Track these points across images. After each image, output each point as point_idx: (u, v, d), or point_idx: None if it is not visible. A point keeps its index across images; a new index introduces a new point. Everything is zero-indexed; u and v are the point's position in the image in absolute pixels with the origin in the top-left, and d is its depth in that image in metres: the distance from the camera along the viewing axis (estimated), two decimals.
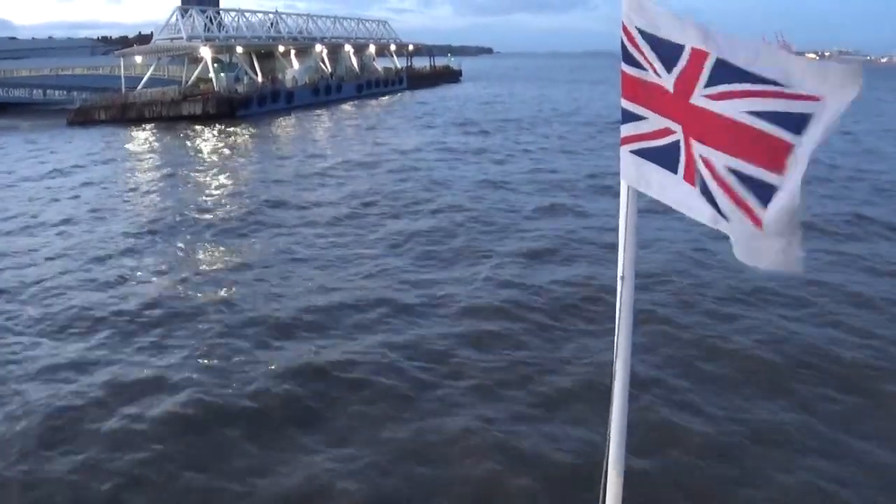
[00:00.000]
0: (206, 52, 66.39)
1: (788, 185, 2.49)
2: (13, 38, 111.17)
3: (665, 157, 2.96)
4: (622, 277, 3.35)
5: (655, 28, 2.87)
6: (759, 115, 2.54)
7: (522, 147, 40.28)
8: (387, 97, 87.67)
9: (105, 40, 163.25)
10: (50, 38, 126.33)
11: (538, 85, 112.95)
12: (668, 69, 2.85)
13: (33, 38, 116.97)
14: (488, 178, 30.21)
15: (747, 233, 2.63)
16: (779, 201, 2.51)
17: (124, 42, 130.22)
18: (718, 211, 2.74)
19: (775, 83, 2.51)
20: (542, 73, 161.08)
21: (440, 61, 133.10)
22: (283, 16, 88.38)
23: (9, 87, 71.58)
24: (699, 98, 2.72)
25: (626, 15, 2.96)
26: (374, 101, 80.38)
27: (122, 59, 69.47)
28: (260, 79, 72.90)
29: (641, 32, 2.92)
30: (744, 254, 2.70)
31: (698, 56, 2.72)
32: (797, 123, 2.46)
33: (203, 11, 71.92)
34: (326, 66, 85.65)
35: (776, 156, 2.50)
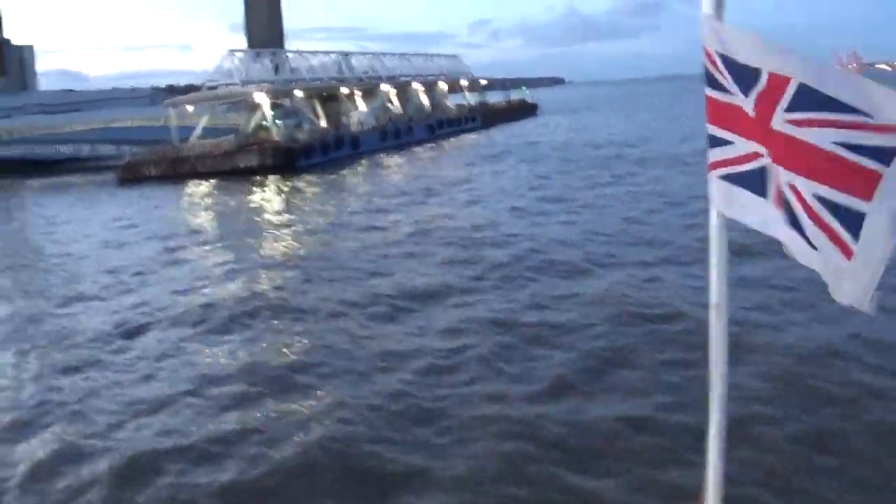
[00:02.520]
0: (261, 98, 59.90)
1: (879, 213, 2.42)
2: (69, 91, 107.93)
3: (753, 182, 2.83)
4: (715, 305, 3.04)
5: (732, 51, 2.73)
6: (845, 146, 2.45)
7: None
8: (471, 135, 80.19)
9: (172, 89, 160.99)
10: (113, 88, 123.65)
11: (636, 113, 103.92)
12: (746, 93, 2.73)
13: (98, 90, 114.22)
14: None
15: (834, 264, 2.53)
16: (868, 230, 2.45)
17: (190, 90, 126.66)
18: (807, 240, 2.62)
19: (863, 114, 2.41)
20: (626, 101, 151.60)
21: (514, 95, 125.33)
22: (347, 55, 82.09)
23: (56, 143, 66.63)
24: (781, 123, 2.62)
25: (706, 39, 2.84)
26: (448, 143, 72.97)
27: (172, 108, 63.45)
28: (324, 124, 66.27)
29: (720, 56, 2.79)
30: (832, 286, 2.58)
31: (777, 80, 2.60)
32: (885, 155, 2.38)
33: (258, 54, 65.79)
34: (395, 107, 78.63)
35: (865, 184, 2.43)
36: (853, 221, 2.46)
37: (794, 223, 2.64)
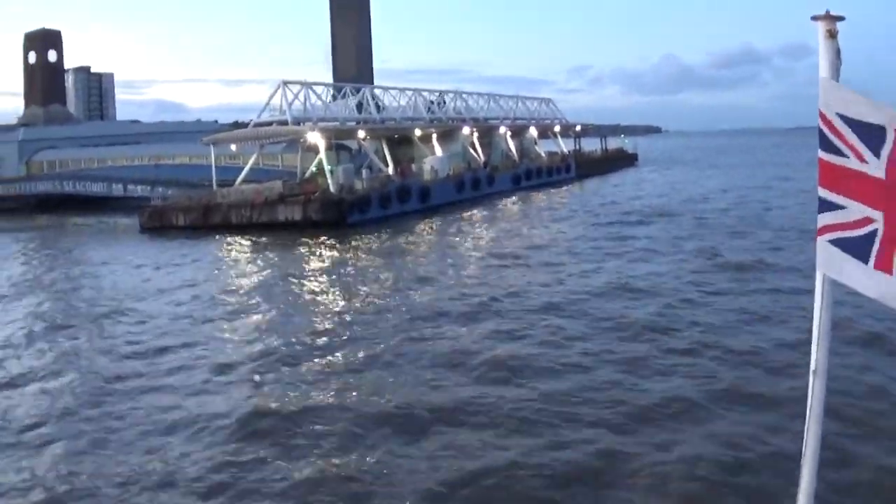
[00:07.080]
0: (315, 138, 50.44)
1: None
2: (135, 122, 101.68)
3: (859, 247, 2.85)
4: (815, 371, 3.08)
5: (856, 112, 2.75)
6: None
7: None
8: (562, 188, 69.11)
9: (257, 125, 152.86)
10: (198, 120, 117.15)
11: (770, 170, 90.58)
12: (877, 154, 2.73)
13: (165, 122, 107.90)
14: None
15: None
16: None
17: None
18: None
19: None
20: (734, 155, 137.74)
21: (611, 143, 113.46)
22: (424, 93, 72.42)
23: (87, 180, 58.89)
24: None
25: (824, 102, 2.83)
26: (537, 197, 62.21)
27: (212, 146, 54.62)
28: (391, 170, 56.31)
29: (842, 117, 2.80)
30: None
31: None
32: None
33: (318, 89, 56.72)
34: (478, 153, 68.14)
35: None
36: None
37: None
